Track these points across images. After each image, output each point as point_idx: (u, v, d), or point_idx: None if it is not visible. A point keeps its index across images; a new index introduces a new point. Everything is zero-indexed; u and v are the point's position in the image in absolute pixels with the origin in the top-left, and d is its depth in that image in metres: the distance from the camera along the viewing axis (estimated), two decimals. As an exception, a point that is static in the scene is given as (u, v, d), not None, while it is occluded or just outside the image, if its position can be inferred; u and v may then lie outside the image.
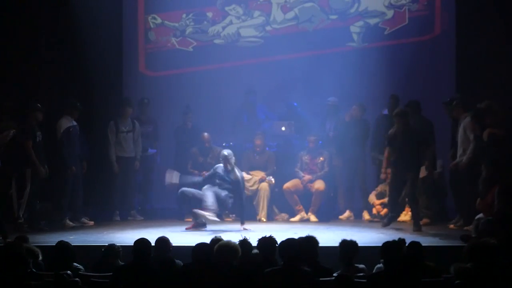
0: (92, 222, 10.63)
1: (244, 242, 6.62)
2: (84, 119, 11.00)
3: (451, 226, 9.92)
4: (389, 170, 10.26)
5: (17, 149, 9.74)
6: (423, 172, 10.20)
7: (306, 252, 6.30)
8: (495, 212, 8.18)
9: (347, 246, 6.60)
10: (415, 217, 9.79)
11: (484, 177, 9.01)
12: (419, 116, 10.41)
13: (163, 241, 6.79)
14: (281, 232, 8.59)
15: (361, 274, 6.32)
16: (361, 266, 6.60)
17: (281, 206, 11.22)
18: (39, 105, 10.15)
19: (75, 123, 10.60)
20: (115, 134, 11.08)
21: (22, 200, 9.87)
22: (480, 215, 8.61)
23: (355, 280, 5.78)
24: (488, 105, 9.30)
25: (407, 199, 10.13)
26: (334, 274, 6.13)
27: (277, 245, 6.34)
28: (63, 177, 10.44)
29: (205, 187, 10.09)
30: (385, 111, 11.13)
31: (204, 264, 6.06)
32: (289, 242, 6.19)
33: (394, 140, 9.85)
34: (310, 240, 6.55)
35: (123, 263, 6.61)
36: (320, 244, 6.70)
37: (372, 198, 11.02)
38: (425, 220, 10.24)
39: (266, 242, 6.42)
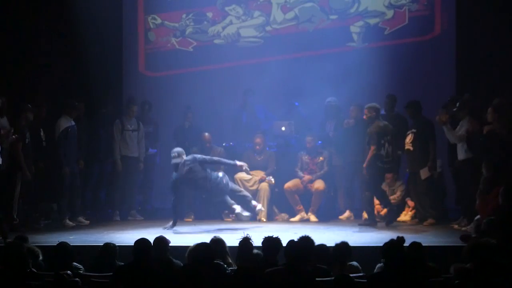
0: (88, 222, 10.63)
1: (245, 242, 6.62)
2: (84, 119, 11.03)
3: (455, 226, 9.91)
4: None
5: (10, 149, 9.75)
6: (425, 173, 10.19)
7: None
8: (497, 211, 8.16)
9: (340, 248, 6.62)
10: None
11: (485, 177, 9.00)
12: (420, 116, 10.38)
13: (160, 241, 6.78)
14: (281, 232, 8.57)
15: (360, 274, 6.32)
16: (355, 264, 6.61)
17: (281, 206, 11.22)
18: (29, 105, 10.13)
19: (73, 123, 10.59)
20: (120, 132, 11.10)
21: (13, 201, 9.85)
22: (479, 216, 8.62)
23: (356, 280, 5.78)
24: (499, 103, 9.26)
25: (408, 200, 10.20)
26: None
27: (282, 246, 6.34)
28: (61, 177, 10.44)
29: None
30: (382, 111, 11.11)
31: (204, 264, 6.06)
32: (295, 243, 6.20)
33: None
34: (306, 240, 6.56)
35: (122, 263, 6.62)
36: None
37: (372, 198, 11.01)
38: (430, 221, 10.22)
39: (271, 242, 6.41)
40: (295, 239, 6.38)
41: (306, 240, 6.50)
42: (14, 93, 11.03)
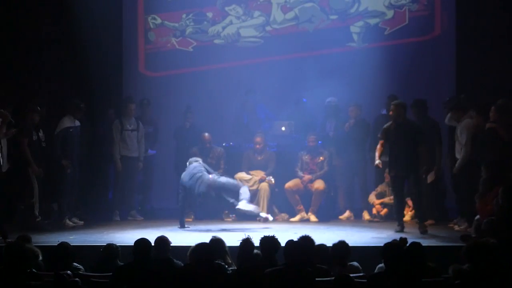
0: (82, 222, 10.63)
1: (247, 242, 6.62)
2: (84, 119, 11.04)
3: (455, 227, 9.89)
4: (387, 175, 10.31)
5: (15, 148, 9.74)
6: (432, 177, 10.17)
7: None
8: (498, 211, 8.16)
9: (339, 247, 6.61)
10: (421, 219, 9.52)
11: (484, 178, 9.00)
12: (425, 116, 10.35)
13: (162, 241, 6.78)
14: (281, 232, 8.58)
15: (360, 274, 6.32)
16: (355, 264, 6.60)
17: (281, 206, 11.22)
18: (38, 107, 10.16)
19: (77, 123, 10.61)
20: (119, 132, 11.12)
21: (34, 199, 9.90)
22: (479, 216, 8.62)
23: (356, 280, 5.78)
24: (502, 103, 9.23)
25: (409, 200, 10.18)
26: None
27: (279, 245, 6.34)
28: (61, 177, 10.45)
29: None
30: (384, 111, 11.13)
31: (202, 264, 6.06)
32: (294, 243, 6.20)
33: (388, 135, 9.61)
34: (306, 240, 6.55)
35: (122, 263, 6.62)
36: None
37: (372, 198, 11.02)
38: (430, 221, 10.22)
39: (268, 241, 6.40)
40: (294, 239, 6.38)
41: (306, 240, 6.51)
42: (14, 93, 11.04)
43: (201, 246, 6.23)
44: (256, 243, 6.63)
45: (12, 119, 9.39)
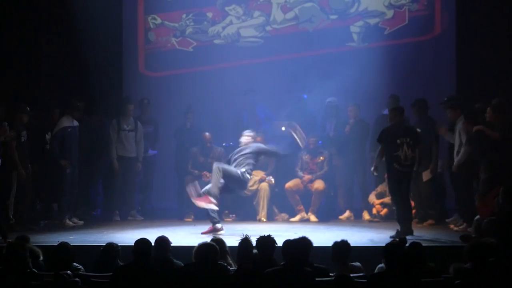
0: (82, 222, 10.63)
1: (246, 241, 6.62)
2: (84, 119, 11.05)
3: (453, 227, 9.90)
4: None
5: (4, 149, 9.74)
6: (427, 175, 10.18)
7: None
8: (499, 211, 8.16)
9: (339, 246, 6.61)
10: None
11: (483, 178, 9.00)
12: (426, 116, 10.35)
13: (162, 241, 6.78)
14: (281, 232, 8.59)
15: (360, 274, 6.32)
16: (357, 264, 6.60)
17: (281, 206, 11.23)
18: (27, 108, 10.13)
19: (76, 123, 10.61)
20: (116, 132, 11.11)
21: (9, 201, 9.85)
22: (479, 216, 8.63)
23: (356, 280, 5.78)
24: (497, 103, 9.21)
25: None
26: (331, 274, 6.14)
27: (276, 244, 6.35)
28: (61, 177, 10.45)
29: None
30: (385, 111, 11.11)
31: (206, 264, 6.06)
32: (293, 242, 6.20)
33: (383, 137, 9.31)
34: (304, 241, 6.55)
35: (123, 263, 6.62)
36: (321, 245, 6.70)
37: (372, 198, 11.03)
38: (430, 221, 10.24)
39: (265, 241, 6.41)
40: (290, 239, 6.38)
41: (303, 241, 6.50)
42: (14, 93, 11.04)
43: (206, 246, 6.22)
44: (255, 243, 6.64)
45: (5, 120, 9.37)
